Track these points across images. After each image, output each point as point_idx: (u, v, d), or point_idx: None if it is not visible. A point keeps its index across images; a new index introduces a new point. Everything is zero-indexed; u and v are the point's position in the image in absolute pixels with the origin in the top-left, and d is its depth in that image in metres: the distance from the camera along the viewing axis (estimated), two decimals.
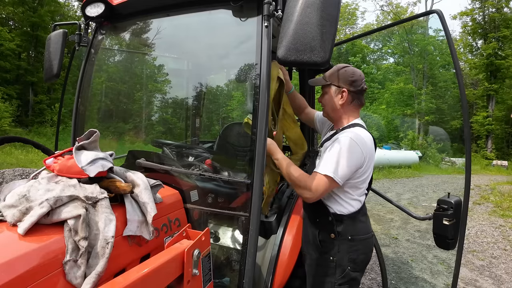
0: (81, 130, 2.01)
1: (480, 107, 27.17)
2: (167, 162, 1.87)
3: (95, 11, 1.84)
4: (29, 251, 0.89)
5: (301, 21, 1.16)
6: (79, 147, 1.26)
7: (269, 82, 1.43)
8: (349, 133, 1.56)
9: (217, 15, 1.73)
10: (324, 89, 1.73)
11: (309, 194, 1.53)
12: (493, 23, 25.97)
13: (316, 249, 1.69)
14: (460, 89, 1.77)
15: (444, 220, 1.66)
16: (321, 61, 1.15)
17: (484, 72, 26.70)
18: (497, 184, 12.81)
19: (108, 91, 4.99)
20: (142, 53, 2.86)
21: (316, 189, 1.51)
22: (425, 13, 2.13)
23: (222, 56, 2.68)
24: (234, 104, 7.82)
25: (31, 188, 1.08)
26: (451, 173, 17.39)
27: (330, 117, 1.78)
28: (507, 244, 5.39)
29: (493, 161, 22.66)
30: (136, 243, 1.22)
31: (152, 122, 4.99)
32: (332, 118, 1.77)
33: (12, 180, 1.30)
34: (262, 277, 1.79)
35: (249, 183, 1.48)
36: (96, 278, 0.96)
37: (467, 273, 4.16)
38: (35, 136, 16.38)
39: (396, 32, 28.37)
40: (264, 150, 1.41)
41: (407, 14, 29.35)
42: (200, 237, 1.19)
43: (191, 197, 1.65)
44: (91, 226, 1.04)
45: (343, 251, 1.62)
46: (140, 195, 1.24)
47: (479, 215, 7.44)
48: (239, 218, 1.56)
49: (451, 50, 1.74)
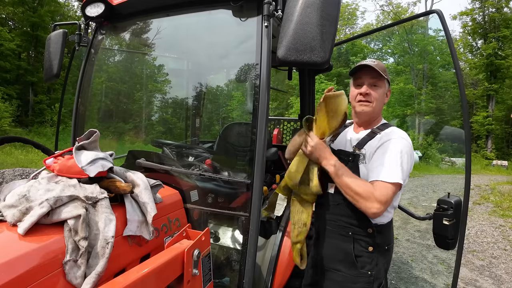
0: (81, 130, 2.01)
1: (480, 107, 27.16)
2: (167, 162, 1.87)
3: (95, 11, 1.85)
4: (29, 251, 0.89)
5: (301, 21, 1.16)
6: (79, 147, 1.26)
7: (269, 82, 1.43)
8: (400, 133, 1.47)
9: (217, 15, 1.73)
10: (379, 82, 1.51)
11: (377, 207, 1.32)
12: (493, 23, 25.96)
13: (349, 266, 1.50)
14: (460, 89, 1.77)
15: (444, 220, 1.66)
16: (321, 61, 1.16)
17: (484, 72, 26.68)
18: (497, 184, 12.80)
19: (108, 91, 4.99)
20: (142, 53, 2.86)
21: (386, 200, 1.33)
22: (425, 13, 2.13)
23: (222, 56, 2.68)
24: (234, 104, 7.82)
25: (31, 188, 1.08)
26: (451, 173, 17.39)
27: (371, 115, 1.56)
28: (507, 244, 5.39)
29: (493, 161, 22.65)
30: (136, 243, 1.22)
31: (152, 122, 5.00)
32: (373, 117, 1.58)
33: (12, 180, 1.29)
34: (262, 277, 1.79)
35: (249, 183, 1.48)
36: (96, 278, 0.96)
37: (467, 273, 4.16)
38: (35, 136, 16.38)
39: (396, 32, 28.34)
40: (264, 150, 1.40)
41: (407, 14, 29.36)
42: (200, 237, 1.19)
43: (191, 197, 1.65)
44: (91, 226, 1.04)
45: (380, 263, 1.49)
46: (140, 195, 1.24)
47: (479, 215, 7.44)
48: (239, 218, 1.56)
49: (451, 50, 1.73)
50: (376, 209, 1.33)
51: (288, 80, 3.13)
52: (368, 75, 1.51)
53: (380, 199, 1.33)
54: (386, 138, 1.46)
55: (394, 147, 1.41)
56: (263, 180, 1.41)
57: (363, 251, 1.49)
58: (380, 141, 1.47)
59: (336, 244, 1.55)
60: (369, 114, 1.56)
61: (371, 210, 1.34)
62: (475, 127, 25.47)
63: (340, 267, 1.53)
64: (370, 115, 1.56)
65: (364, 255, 1.49)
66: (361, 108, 1.54)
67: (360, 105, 1.53)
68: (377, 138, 1.49)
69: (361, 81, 1.53)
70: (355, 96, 1.55)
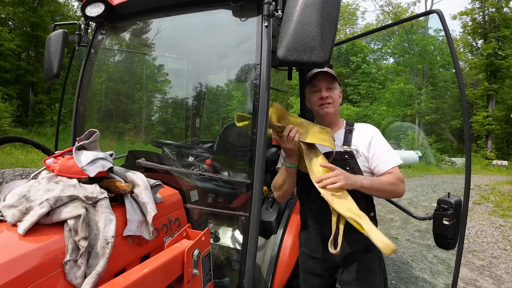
0: (81, 130, 2.01)
1: (480, 107, 27.16)
2: (167, 162, 1.87)
3: (95, 11, 1.84)
4: (29, 251, 0.89)
5: (301, 21, 1.16)
6: (79, 147, 1.26)
7: (269, 82, 1.43)
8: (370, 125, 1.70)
9: (217, 15, 1.73)
10: (333, 84, 1.66)
11: (403, 186, 1.56)
12: (493, 23, 25.96)
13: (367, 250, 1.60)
14: (460, 89, 1.77)
15: (444, 220, 1.66)
16: (321, 61, 1.16)
17: (484, 72, 26.67)
18: (497, 184, 12.79)
19: (108, 91, 4.99)
20: (142, 53, 2.86)
21: (403, 178, 1.56)
22: (425, 13, 2.13)
23: (222, 56, 2.68)
24: (234, 104, 7.82)
25: (31, 188, 1.08)
26: (451, 173, 17.39)
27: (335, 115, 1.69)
28: (507, 244, 5.38)
29: (493, 161, 22.64)
30: (136, 243, 1.22)
31: (152, 122, 5.00)
32: (336, 116, 1.72)
33: (12, 180, 1.30)
34: (262, 277, 1.79)
35: (249, 183, 1.48)
36: (96, 278, 0.96)
37: (467, 273, 4.16)
38: (35, 136, 16.39)
39: (396, 32, 28.36)
40: (264, 150, 1.40)
41: (407, 14, 29.35)
42: (200, 237, 1.19)
43: (191, 197, 1.65)
44: (91, 226, 1.04)
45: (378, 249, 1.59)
46: (140, 195, 1.24)
47: (479, 215, 7.43)
48: (239, 218, 1.56)
49: (451, 50, 1.74)
50: (403, 188, 1.57)
51: (288, 80, 3.13)
52: (324, 81, 1.64)
53: (402, 179, 1.55)
54: (368, 132, 1.64)
55: (381, 137, 1.63)
56: (263, 180, 1.41)
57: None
58: (366, 135, 1.62)
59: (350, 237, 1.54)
60: (333, 114, 1.68)
61: (403, 191, 1.56)
62: (475, 127, 25.47)
63: (360, 255, 1.63)
64: (333, 114, 1.68)
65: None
66: (325, 111, 1.65)
67: (323, 108, 1.65)
68: (358, 133, 1.65)
69: (318, 87, 1.65)
70: (316, 101, 1.66)
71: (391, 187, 1.53)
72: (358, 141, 1.62)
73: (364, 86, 26.52)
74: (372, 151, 1.59)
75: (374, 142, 1.60)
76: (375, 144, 1.59)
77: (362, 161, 1.59)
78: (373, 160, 1.59)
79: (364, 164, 1.60)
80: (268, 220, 1.91)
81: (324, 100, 1.63)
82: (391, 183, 1.53)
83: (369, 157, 1.59)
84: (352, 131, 1.66)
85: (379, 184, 1.52)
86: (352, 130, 1.66)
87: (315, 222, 1.67)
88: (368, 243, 1.55)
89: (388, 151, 1.59)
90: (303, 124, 1.52)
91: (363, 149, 1.60)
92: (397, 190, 1.55)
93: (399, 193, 1.57)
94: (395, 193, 1.57)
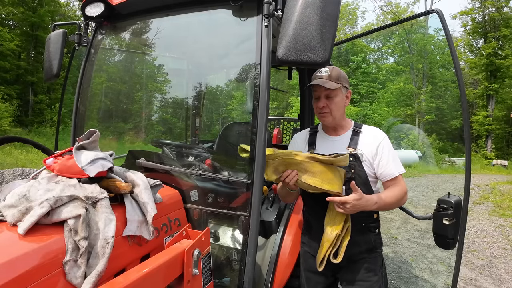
0: (81, 130, 2.01)
1: (480, 107, 27.13)
2: (167, 162, 1.87)
3: (95, 11, 1.84)
4: (29, 251, 0.89)
5: (301, 21, 1.16)
6: (79, 147, 1.26)
7: (269, 82, 1.43)
8: (378, 130, 1.68)
9: (217, 15, 1.73)
10: (334, 92, 1.59)
11: (405, 198, 1.62)
12: (493, 23, 25.94)
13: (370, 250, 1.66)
14: (460, 88, 1.77)
15: (444, 220, 1.66)
16: (321, 61, 1.16)
17: (484, 72, 26.66)
18: (497, 183, 12.79)
19: (108, 91, 4.98)
20: (142, 53, 2.86)
21: (406, 190, 1.61)
22: (425, 12, 2.13)
23: (222, 56, 2.68)
24: (234, 104, 7.83)
25: (31, 188, 1.08)
26: (451, 173, 17.39)
27: (335, 122, 1.66)
28: (507, 244, 5.39)
29: (493, 160, 22.64)
30: (136, 243, 1.22)
31: (152, 122, 4.99)
32: (338, 123, 1.68)
33: (12, 180, 1.30)
34: (262, 277, 1.79)
35: (249, 183, 1.48)
36: (96, 278, 0.96)
37: (467, 272, 4.16)
38: (35, 136, 16.39)
39: (396, 32, 28.36)
40: (264, 150, 1.40)
41: (407, 14, 29.35)
42: (200, 237, 1.19)
43: (191, 197, 1.65)
44: (91, 226, 1.04)
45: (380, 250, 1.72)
46: (140, 195, 1.24)
47: (479, 214, 7.44)
48: (239, 218, 1.56)
49: (451, 50, 1.74)
50: (406, 198, 1.62)
51: (288, 80, 3.13)
52: (322, 88, 1.59)
53: (406, 190, 1.60)
54: (375, 137, 1.62)
55: (388, 144, 1.62)
56: (263, 180, 1.41)
57: (374, 235, 1.68)
58: (373, 141, 1.61)
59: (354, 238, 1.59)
60: (332, 122, 1.67)
61: (406, 200, 1.63)
62: (475, 126, 25.46)
63: (364, 255, 1.66)
64: (333, 122, 1.67)
65: (374, 237, 1.68)
66: (323, 120, 1.68)
67: (321, 117, 1.67)
68: (364, 137, 1.63)
69: (318, 94, 1.64)
70: (316, 109, 1.68)
71: (396, 204, 1.61)
72: (364, 145, 1.61)
73: (364, 86, 26.53)
74: (378, 158, 1.59)
75: (381, 149, 1.59)
76: (382, 151, 1.59)
77: (366, 166, 1.59)
78: (379, 166, 1.60)
79: (369, 169, 1.60)
80: (268, 220, 1.91)
81: (321, 110, 1.63)
82: (397, 202, 1.58)
83: (375, 163, 1.60)
84: (359, 133, 1.65)
85: (385, 206, 1.57)
86: (359, 133, 1.65)
87: (318, 222, 1.67)
88: (371, 244, 1.65)
89: (394, 159, 1.60)
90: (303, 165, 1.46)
91: (368, 154, 1.60)
92: (401, 202, 1.62)
93: (403, 204, 1.67)
94: (398, 206, 1.67)
